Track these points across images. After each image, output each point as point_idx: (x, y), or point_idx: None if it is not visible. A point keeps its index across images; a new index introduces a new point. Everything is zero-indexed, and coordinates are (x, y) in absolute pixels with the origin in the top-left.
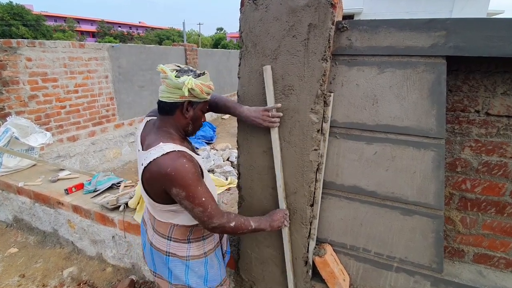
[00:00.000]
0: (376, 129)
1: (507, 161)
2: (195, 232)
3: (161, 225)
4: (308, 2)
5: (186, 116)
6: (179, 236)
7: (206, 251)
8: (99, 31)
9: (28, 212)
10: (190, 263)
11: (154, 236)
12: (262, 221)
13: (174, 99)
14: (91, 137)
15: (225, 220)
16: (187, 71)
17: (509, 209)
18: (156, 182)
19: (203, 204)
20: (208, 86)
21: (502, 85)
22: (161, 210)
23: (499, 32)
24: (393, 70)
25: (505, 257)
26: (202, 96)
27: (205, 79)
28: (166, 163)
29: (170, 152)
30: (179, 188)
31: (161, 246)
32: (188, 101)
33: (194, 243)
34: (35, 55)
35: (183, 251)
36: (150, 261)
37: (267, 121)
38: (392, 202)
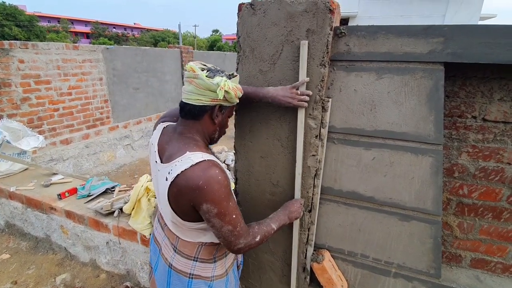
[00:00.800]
0: (374, 135)
1: (503, 166)
2: (221, 249)
3: (187, 245)
4: (306, 8)
5: (215, 122)
6: (206, 255)
7: (227, 268)
8: (93, 32)
9: (20, 217)
10: (213, 284)
11: (175, 257)
12: (280, 217)
13: (204, 102)
14: (84, 140)
15: (251, 238)
16: (218, 71)
17: (506, 214)
18: (185, 197)
19: (233, 222)
20: (241, 90)
21: (499, 91)
22: (189, 228)
23: (496, 39)
24: (391, 76)
25: (502, 262)
26: (234, 100)
27: (237, 81)
28: (197, 176)
29: (200, 162)
30: (211, 204)
31: (184, 268)
32: (219, 105)
33: (218, 261)
34: (28, 57)
35: (208, 272)
36: (164, 284)
37: (296, 99)
38: (390, 208)
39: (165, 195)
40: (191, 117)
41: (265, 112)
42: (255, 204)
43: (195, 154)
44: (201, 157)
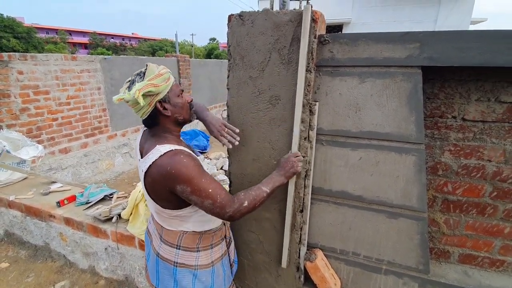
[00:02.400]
0: (359, 136)
1: (484, 163)
2: (204, 240)
3: (170, 233)
4: (291, 18)
5: (168, 114)
6: (188, 244)
7: (214, 260)
8: (91, 42)
9: (19, 226)
10: (198, 272)
11: (161, 246)
12: (274, 178)
13: (146, 111)
14: (83, 149)
15: (237, 205)
16: (133, 79)
17: (490, 209)
18: (159, 184)
19: (211, 196)
20: (158, 75)
21: (476, 92)
22: (169, 217)
23: (469, 43)
24: (373, 80)
25: (488, 256)
26: (161, 89)
27: (151, 73)
28: (164, 163)
29: (167, 152)
30: (183, 184)
31: (169, 256)
32: (157, 102)
33: (202, 251)
34: (26, 68)
35: (192, 260)
36: (153, 275)
37: (220, 133)
38: (378, 206)
39: (143, 185)
40: (152, 125)
41: (256, 117)
42: None
43: (163, 146)
44: (168, 148)
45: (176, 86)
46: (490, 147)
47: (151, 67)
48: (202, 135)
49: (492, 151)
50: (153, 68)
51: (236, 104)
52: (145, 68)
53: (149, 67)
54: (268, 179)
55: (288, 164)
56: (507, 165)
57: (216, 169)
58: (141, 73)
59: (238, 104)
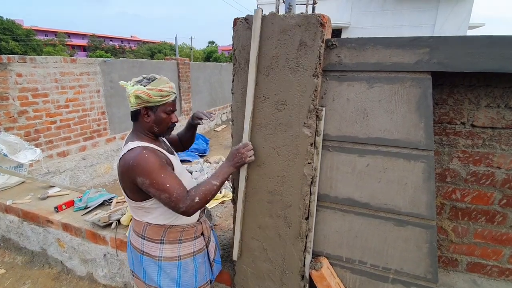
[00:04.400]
0: (367, 142)
1: (493, 170)
2: (170, 233)
3: (137, 224)
4: (298, 22)
5: (147, 121)
6: (152, 236)
7: (181, 255)
8: (90, 45)
9: (16, 231)
10: (162, 264)
11: (132, 235)
12: (223, 170)
13: (133, 107)
14: (81, 152)
15: (189, 201)
16: (143, 79)
17: (499, 217)
18: (125, 176)
19: (168, 190)
20: (158, 90)
21: (485, 98)
22: (134, 207)
23: (479, 48)
24: (381, 85)
25: (497, 265)
26: (154, 100)
27: (157, 84)
28: (129, 157)
29: (135, 147)
30: (142, 177)
31: (137, 245)
32: (144, 107)
33: (167, 244)
34: (25, 70)
35: (156, 251)
36: (130, 260)
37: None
38: (385, 213)
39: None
40: (133, 119)
41: (261, 122)
42: (253, 213)
43: (133, 143)
44: (136, 144)
45: (170, 105)
46: (500, 154)
47: (161, 80)
48: (201, 138)
49: (502, 158)
50: (160, 82)
51: (240, 109)
52: (158, 77)
53: (160, 79)
54: (217, 172)
55: (238, 155)
56: None
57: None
58: (151, 78)
59: (243, 109)
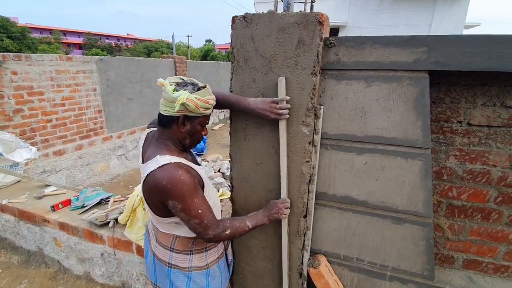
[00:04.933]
0: (365, 140)
1: (489, 168)
2: (198, 243)
3: (164, 236)
4: (297, 20)
5: (182, 131)
6: (181, 247)
7: (209, 263)
8: (86, 43)
9: (12, 231)
10: (192, 274)
11: (157, 247)
12: (259, 217)
13: (170, 112)
14: (78, 151)
15: (220, 230)
16: (187, 84)
17: (494, 215)
18: (153, 195)
19: (199, 216)
20: (205, 101)
21: (482, 96)
22: (162, 222)
23: (477, 48)
24: (379, 84)
25: (493, 262)
26: (198, 111)
27: (203, 94)
28: (161, 176)
29: (166, 164)
30: (175, 201)
31: (163, 257)
32: (184, 115)
33: (196, 254)
34: (21, 68)
35: (185, 263)
36: (151, 272)
37: (274, 113)
38: (383, 211)
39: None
40: (163, 125)
41: (259, 121)
42: (251, 211)
43: (163, 157)
44: (168, 160)
45: (207, 118)
46: (496, 152)
47: (208, 90)
48: None
49: (498, 156)
50: (207, 92)
51: None
52: (204, 86)
53: (207, 89)
54: (254, 216)
55: (274, 209)
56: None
57: (213, 171)
58: (197, 85)
59: None
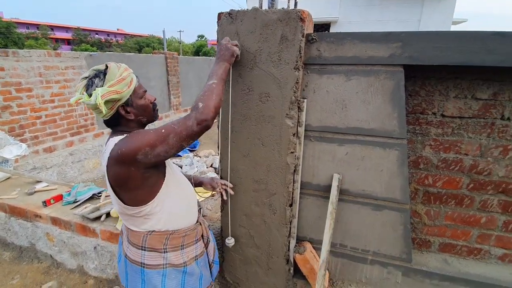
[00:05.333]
0: (346, 132)
1: (462, 157)
2: (172, 240)
3: (135, 235)
4: (280, 17)
5: (131, 118)
6: (154, 245)
7: (186, 261)
8: (75, 38)
9: (3, 227)
10: (167, 271)
11: (129, 248)
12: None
13: (108, 114)
14: (68, 148)
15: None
16: (92, 79)
17: (467, 200)
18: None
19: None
20: (120, 81)
21: (454, 89)
22: (133, 215)
23: (447, 43)
24: (358, 78)
25: (466, 245)
26: (124, 95)
27: (112, 76)
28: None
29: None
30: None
31: (135, 258)
32: (119, 106)
33: (171, 252)
34: (8, 64)
35: (159, 260)
36: (123, 276)
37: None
38: (363, 199)
39: (107, 182)
40: (114, 126)
41: (246, 113)
42: (240, 201)
43: (115, 138)
44: (121, 137)
45: (139, 87)
46: (467, 141)
47: (112, 68)
48: None
49: (469, 145)
50: (114, 71)
51: (225, 101)
52: (105, 68)
53: (110, 69)
54: (209, 76)
55: (222, 48)
56: (482, 159)
57: (206, 166)
58: (100, 73)
59: (228, 101)
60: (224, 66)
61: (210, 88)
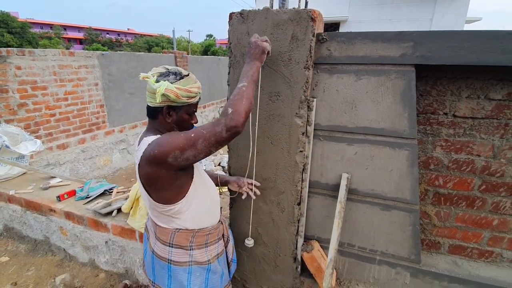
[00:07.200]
0: (355, 131)
1: (473, 158)
2: (198, 238)
3: (163, 231)
4: (290, 17)
5: (168, 121)
6: (181, 242)
7: (210, 259)
8: (87, 38)
9: (19, 220)
10: (192, 268)
11: (156, 244)
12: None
13: (154, 103)
14: (81, 145)
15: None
16: (170, 74)
17: (478, 202)
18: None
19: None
20: (187, 90)
21: (466, 89)
22: (162, 213)
23: (461, 43)
24: (368, 77)
25: (477, 247)
26: (180, 101)
27: (185, 83)
28: (150, 149)
29: (153, 140)
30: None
31: (163, 254)
32: (167, 106)
33: (196, 250)
34: (24, 63)
35: (185, 257)
36: (150, 270)
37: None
38: (372, 199)
39: (138, 179)
40: (150, 116)
41: (256, 113)
42: (248, 199)
43: (149, 137)
44: (155, 137)
45: (194, 106)
46: (479, 142)
47: (190, 79)
48: None
49: (481, 146)
50: (189, 81)
51: None
52: (186, 74)
53: (189, 78)
54: (240, 77)
55: (252, 49)
56: (495, 160)
57: (214, 165)
58: (179, 74)
59: None
60: (255, 66)
61: (240, 91)
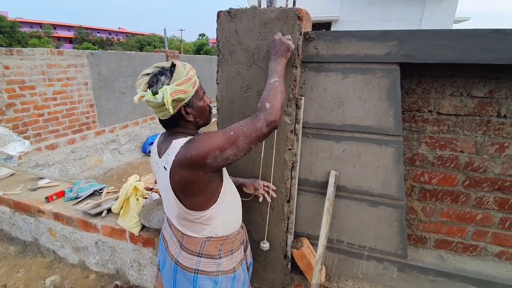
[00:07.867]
0: (343, 129)
1: (457, 154)
2: (226, 245)
3: (192, 241)
4: (278, 15)
5: (190, 119)
6: (211, 251)
7: (235, 266)
8: (77, 37)
9: (8, 222)
10: (219, 278)
11: (181, 254)
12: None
13: (168, 114)
14: (70, 145)
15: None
16: (158, 77)
17: (463, 197)
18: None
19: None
20: (187, 80)
21: (450, 87)
22: (193, 221)
23: (443, 41)
24: (355, 76)
25: (462, 241)
26: (189, 95)
27: (180, 75)
28: (184, 151)
29: (185, 142)
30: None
31: (189, 264)
32: (182, 107)
33: (224, 257)
34: (12, 63)
35: (213, 267)
36: (170, 282)
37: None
38: (360, 195)
39: (168, 185)
40: (171, 126)
41: (245, 111)
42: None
43: (179, 140)
44: (185, 140)
45: (200, 88)
46: (463, 139)
47: (179, 67)
48: None
49: (465, 143)
50: (181, 70)
51: (225, 98)
52: (172, 66)
53: (178, 68)
54: (270, 73)
55: (277, 44)
56: (478, 156)
57: None
58: (165, 70)
59: (227, 99)
60: (282, 62)
61: (274, 86)
